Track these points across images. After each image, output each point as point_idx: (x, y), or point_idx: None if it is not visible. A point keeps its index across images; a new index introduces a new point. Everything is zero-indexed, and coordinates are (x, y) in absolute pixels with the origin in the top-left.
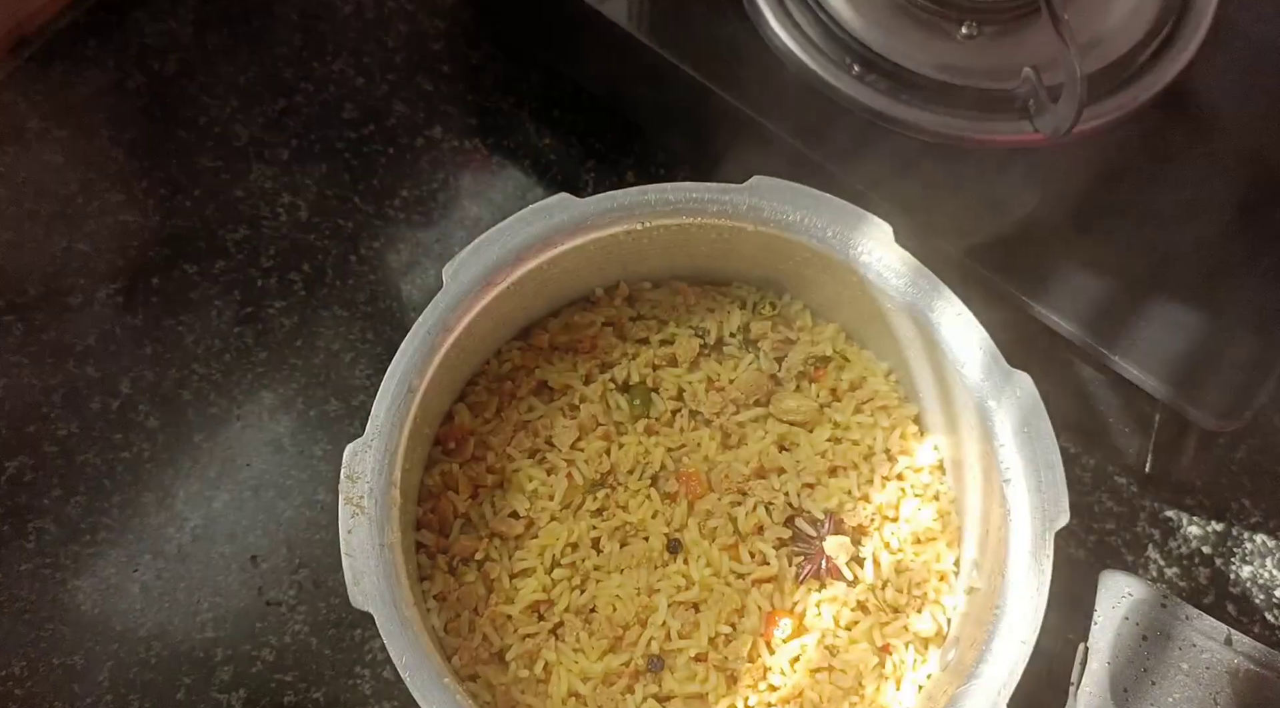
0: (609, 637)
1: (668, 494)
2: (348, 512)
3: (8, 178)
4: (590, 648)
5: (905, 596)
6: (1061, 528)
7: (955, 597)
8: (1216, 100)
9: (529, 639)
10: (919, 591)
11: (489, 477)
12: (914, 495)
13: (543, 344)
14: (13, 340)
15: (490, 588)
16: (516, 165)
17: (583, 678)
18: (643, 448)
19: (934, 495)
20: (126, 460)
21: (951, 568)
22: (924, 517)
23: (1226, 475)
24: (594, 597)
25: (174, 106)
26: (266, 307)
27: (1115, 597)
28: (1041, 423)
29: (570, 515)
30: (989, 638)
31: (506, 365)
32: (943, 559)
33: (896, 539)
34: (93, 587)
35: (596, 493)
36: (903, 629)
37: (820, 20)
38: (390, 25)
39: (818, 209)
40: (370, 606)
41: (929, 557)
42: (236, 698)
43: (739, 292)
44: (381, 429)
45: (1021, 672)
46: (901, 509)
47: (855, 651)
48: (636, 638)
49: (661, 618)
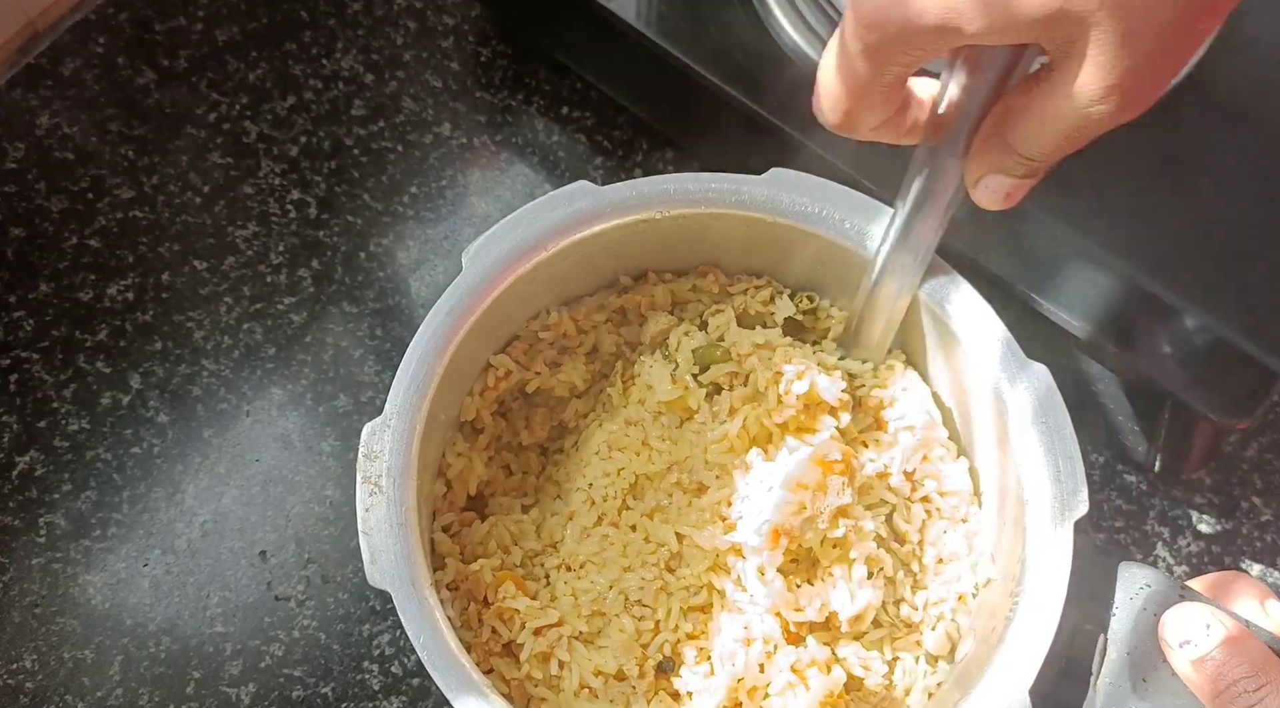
0: (624, 634)
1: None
2: (365, 490)
3: (19, 175)
4: (602, 645)
5: (920, 613)
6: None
7: (971, 618)
8: (1233, 94)
9: (539, 638)
10: (936, 609)
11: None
12: (942, 518)
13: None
14: (24, 335)
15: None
16: (525, 162)
17: (595, 673)
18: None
19: (963, 517)
20: (136, 456)
21: (971, 590)
22: (950, 540)
23: (1236, 473)
24: (606, 592)
25: (184, 104)
26: (276, 303)
27: (1133, 588)
28: (1059, 413)
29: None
30: (1007, 628)
31: (549, 333)
32: (963, 580)
33: (918, 562)
34: (103, 581)
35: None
36: (915, 644)
37: (829, 17)
38: (399, 22)
39: (835, 202)
40: (388, 584)
41: (950, 577)
42: (245, 692)
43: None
44: (400, 408)
45: (1042, 661)
46: (927, 533)
47: (863, 662)
48: (650, 639)
49: (674, 621)
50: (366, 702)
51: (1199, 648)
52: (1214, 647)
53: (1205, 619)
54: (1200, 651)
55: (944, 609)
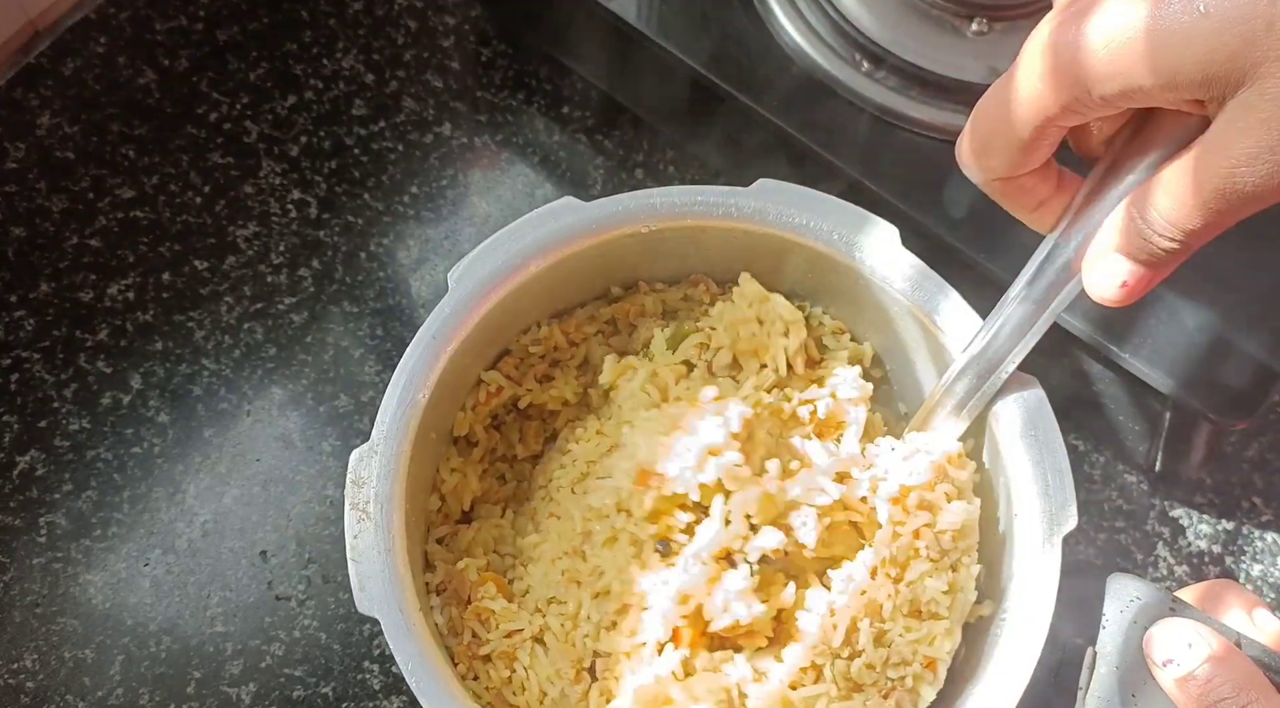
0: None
1: None
2: (353, 517)
3: (19, 174)
4: (558, 649)
5: (876, 673)
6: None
7: (937, 687)
8: None
9: (507, 640)
10: (895, 673)
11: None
12: (928, 559)
13: (579, 324)
14: (24, 335)
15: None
16: (525, 162)
17: (552, 679)
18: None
19: (952, 565)
20: (137, 456)
21: (945, 657)
22: (932, 587)
23: (1237, 473)
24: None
25: (185, 103)
26: (276, 303)
27: (1123, 601)
28: (1049, 427)
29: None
30: (992, 644)
31: (540, 347)
32: (936, 644)
33: (892, 603)
34: (104, 581)
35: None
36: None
37: (829, 17)
38: (400, 22)
39: (823, 212)
40: (376, 611)
41: (920, 637)
42: (246, 692)
43: None
44: (387, 434)
45: (1027, 680)
46: (907, 572)
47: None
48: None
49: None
50: (367, 702)
51: (1182, 666)
52: (1197, 665)
53: (1188, 637)
54: (1184, 669)
55: (907, 676)
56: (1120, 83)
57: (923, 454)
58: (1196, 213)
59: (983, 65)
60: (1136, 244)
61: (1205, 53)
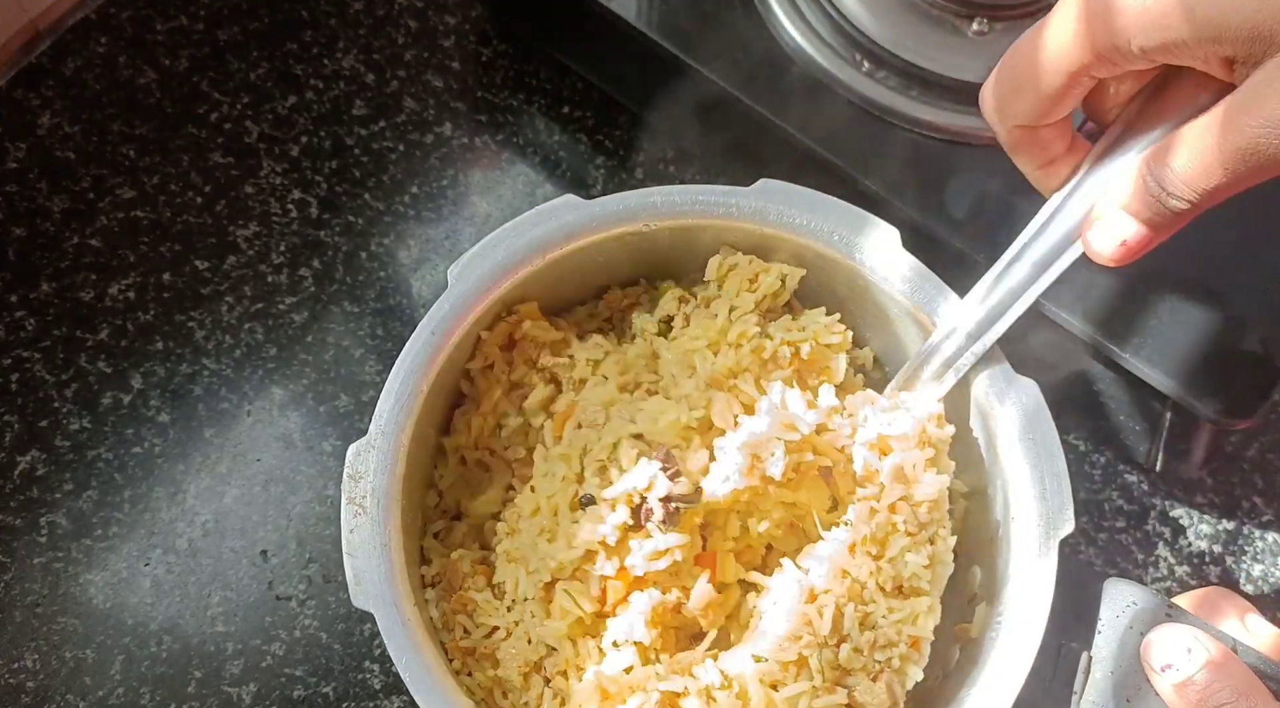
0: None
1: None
2: (350, 511)
3: (20, 174)
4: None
5: (864, 658)
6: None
7: (922, 664)
8: None
9: (487, 640)
10: (882, 656)
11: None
12: (906, 534)
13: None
14: (25, 336)
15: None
16: (526, 162)
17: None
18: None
19: (930, 538)
20: (138, 455)
21: (929, 635)
22: (912, 562)
23: (1238, 473)
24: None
25: (185, 103)
26: (277, 303)
27: (1119, 606)
28: (1047, 430)
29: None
30: (988, 648)
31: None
32: (920, 623)
33: (874, 581)
34: (104, 581)
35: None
36: (842, 705)
37: (830, 16)
38: (400, 22)
39: (824, 213)
40: (371, 606)
41: (904, 616)
42: (247, 692)
43: None
44: (385, 429)
45: (1021, 684)
46: (887, 549)
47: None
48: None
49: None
50: (368, 701)
51: (1180, 672)
52: (1195, 670)
53: (1187, 642)
54: (1182, 675)
55: (893, 656)
56: (1161, 35)
57: (904, 411)
58: (1216, 171)
59: (983, 65)
60: (1146, 201)
61: (1256, 6)
